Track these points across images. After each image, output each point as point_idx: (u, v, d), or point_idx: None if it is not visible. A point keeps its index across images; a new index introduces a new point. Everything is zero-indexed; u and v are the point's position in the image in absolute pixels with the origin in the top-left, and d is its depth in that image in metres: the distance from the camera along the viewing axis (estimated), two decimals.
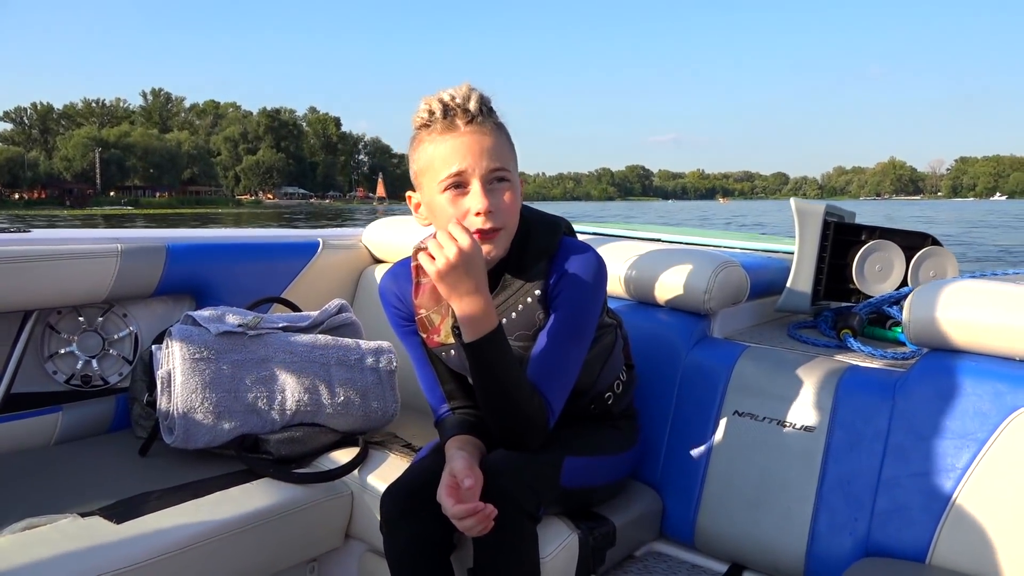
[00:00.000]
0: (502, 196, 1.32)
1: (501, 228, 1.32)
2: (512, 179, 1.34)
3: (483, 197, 1.29)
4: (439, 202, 1.32)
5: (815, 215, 2.04)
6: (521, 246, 1.40)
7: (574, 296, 1.38)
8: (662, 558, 1.71)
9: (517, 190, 1.35)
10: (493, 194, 1.31)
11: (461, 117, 1.30)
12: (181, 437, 1.64)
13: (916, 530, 1.43)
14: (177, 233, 2.13)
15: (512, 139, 1.38)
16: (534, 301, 1.39)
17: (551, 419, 1.38)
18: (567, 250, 1.41)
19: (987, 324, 1.45)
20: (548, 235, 1.42)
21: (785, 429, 1.62)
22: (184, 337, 1.68)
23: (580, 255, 1.40)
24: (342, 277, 2.39)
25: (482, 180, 1.30)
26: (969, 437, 1.42)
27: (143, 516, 1.41)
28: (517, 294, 1.39)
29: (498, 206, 1.31)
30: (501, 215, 1.32)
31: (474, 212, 1.30)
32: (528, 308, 1.39)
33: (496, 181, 1.32)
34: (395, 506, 1.37)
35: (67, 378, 1.94)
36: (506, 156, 1.33)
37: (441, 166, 1.31)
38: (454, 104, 1.31)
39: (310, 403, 1.73)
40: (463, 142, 1.30)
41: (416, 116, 1.34)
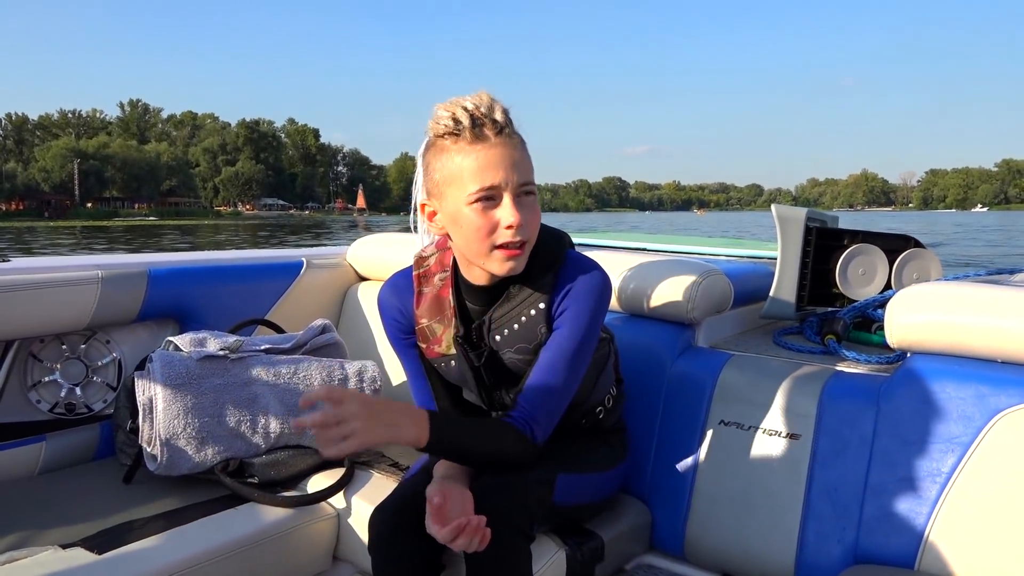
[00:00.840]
0: (531, 210, 1.30)
1: (527, 241, 1.31)
2: (536, 192, 1.33)
3: (515, 211, 1.27)
4: (467, 213, 1.29)
5: (797, 221, 2.04)
6: (529, 258, 1.38)
7: (579, 316, 1.37)
8: (652, 571, 1.70)
9: (538, 204, 1.34)
10: (523, 208, 1.29)
11: (490, 128, 1.27)
12: (164, 464, 1.63)
13: (904, 536, 1.42)
14: (158, 258, 2.12)
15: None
16: (538, 314, 1.38)
17: (537, 439, 1.37)
18: (573, 265, 1.40)
19: (968, 326, 1.44)
20: (553, 248, 1.41)
21: (771, 437, 1.62)
22: (165, 363, 1.67)
23: (587, 272, 1.39)
24: (327, 296, 2.38)
25: (513, 194, 1.28)
26: (953, 441, 1.42)
27: (125, 546, 1.40)
28: (521, 305, 1.38)
29: (528, 220, 1.29)
30: (528, 229, 1.30)
31: (505, 225, 1.27)
32: (531, 321, 1.38)
33: (525, 195, 1.30)
34: (384, 526, 1.36)
35: (51, 407, 1.92)
36: (531, 170, 1.32)
37: (471, 179, 1.27)
38: (480, 114, 1.28)
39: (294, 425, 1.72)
40: (495, 155, 1.27)
41: (437, 124, 1.30)
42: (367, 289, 2.37)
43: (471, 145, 1.27)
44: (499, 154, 1.27)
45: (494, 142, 1.27)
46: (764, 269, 2.21)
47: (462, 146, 1.28)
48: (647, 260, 1.91)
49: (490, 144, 1.27)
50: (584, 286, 1.38)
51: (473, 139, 1.27)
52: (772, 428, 1.62)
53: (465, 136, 1.27)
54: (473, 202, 1.28)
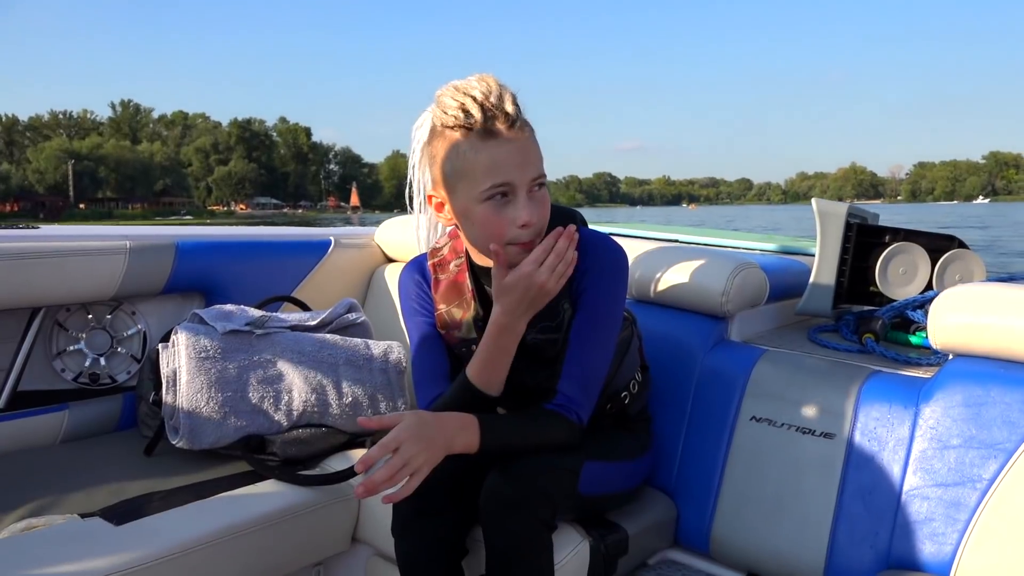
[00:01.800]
0: (540, 203, 1.27)
1: (539, 235, 1.28)
2: (547, 182, 1.29)
3: (528, 209, 1.24)
4: (479, 211, 1.25)
5: (837, 216, 1.99)
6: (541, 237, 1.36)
7: (603, 293, 1.35)
8: (676, 566, 1.66)
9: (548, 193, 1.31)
10: (535, 202, 1.26)
11: (502, 121, 1.22)
12: (186, 437, 1.62)
13: (939, 543, 1.38)
14: (186, 231, 2.11)
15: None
16: (560, 292, 1.34)
17: (584, 422, 1.36)
18: (590, 242, 1.37)
19: (1016, 329, 1.39)
20: (566, 225, 1.38)
21: (804, 436, 1.57)
22: (190, 335, 1.66)
23: (605, 248, 1.37)
24: (354, 276, 2.36)
25: (525, 189, 1.25)
26: (996, 447, 1.36)
27: (144, 517, 1.39)
28: None
29: (539, 214, 1.27)
30: (541, 223, 1.28)
31: (519, 224, 1.24)
32: (552, 300, 1.34)
33: (537, 188, 1.27)
34: (407, 509, 1.34)
35: (75, 376, 1.92)
36: (541, 159, 1.28)
37: (484, 175, 1.23)
38: (491, 105, 1.22)
39: (317, 404, 1.70)
40: (509, 151, 1.22)
41: (445, 114, 1.25)
42: (394, 270, 2.34)
43: (483, 141, 1.23)
44: (512, 149, 1.23)
45: (507, 136, 1.22)
46: (800, 265, 2.15)
47: (473, 141, 1.23)
48: (680, 251, 1.87)
49: (503, 139, 1.22)
50: (604, 262, 1.36)
51: (485, 134, 1.22)
52: (805, 426, 1.57)
53: (476, 130, 1.23)
54: (486, 199, 1.24)
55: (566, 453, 1.34)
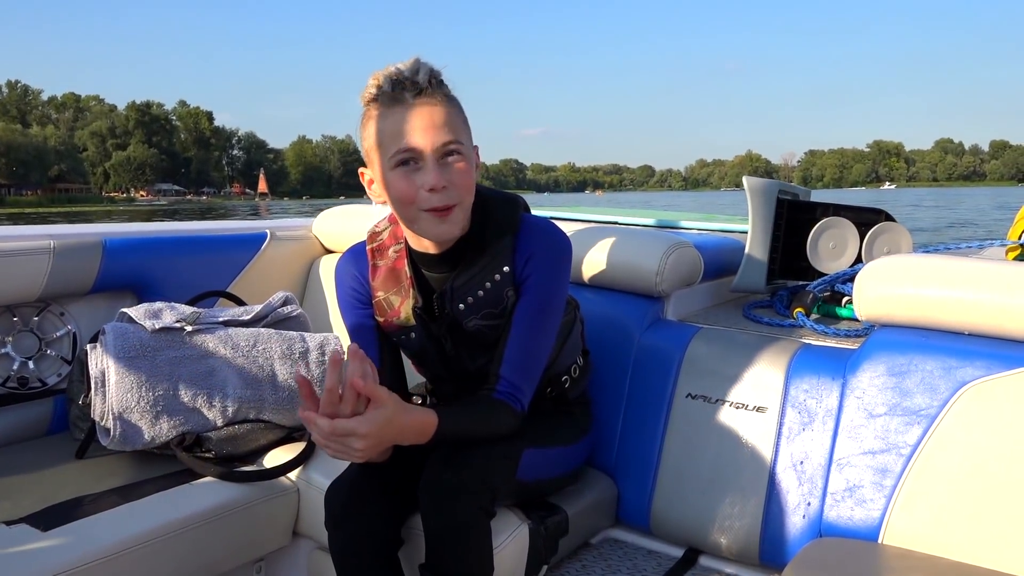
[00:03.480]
0: (455, 170, 1.27)
1: (456, 204, 1.28)
2: (465, 152, 1.28)
3: (436, 173, 1.24)
4: (390, 179, 1.27)
5: (768, 194, 2.02)
6: (482, 223, 1.36)
7: (547, 279, 1.36)
8: (618, 544, 1.68)
9: (471, 164, 1.30)
10: (445, 169, 1.26)
11: (410, 90, 1.25)
12: (118, 438, 1.59)
13: (868, 509, 1.41)
14: (114, 228, 2.06)
15: (464, 112, 1.32)
16: (503, 279, 1.35)
17: (525, 409, 1.37)
18: (532, 228, 1.38)
19: (935, 298, 1.43)
20: (508, 211, 1.39)
21: (738, 411, 1.60)
22: (118, 335, 1.62)
23: (547, 234, 1.38)
24: (292, 269, 2.33)
25: (434, 155, 1.25)
26: (919, 413, 1.40)
27: (73, 522, 1.36)
28: (484, 272, 1.35)
29: (452, 181, 1.26)
30: (456, 191, 1.27)
31: (427, 188, 1.25)
32: (496, 286, 1.36)
33: (448, 155, 1.26)
34: (340, 501, 1.33)
35: (2, 380, 1.87)
36: (458, 128, 1.28)
37: (390, 141, 1.25)
38: (402, 77, 1.25)
39: (253, 399, 1.68)
40: (412, 115, 1.24)
41: (364, 92, 1.29)
42: (333, 262, 2.31)
43: (389, 108, 1.26)
44: (416, 115, 1.24)
45: (411, 103, 1.25)
46: (735, 243, 2.19)
47: (383, 111, 1.26)
48: (615, 233, 1.88)
49: (407, 106, 1.25)
50: (547, 248, 1.36)
51: (391, 102, 1.26)
52: (739, 401, 1.60)
53: (384, 100, 1.26)
54: (395, 166, 1.26)
55: (505, 441, 1.35)
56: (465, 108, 1.33)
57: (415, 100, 1.25)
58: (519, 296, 1.37)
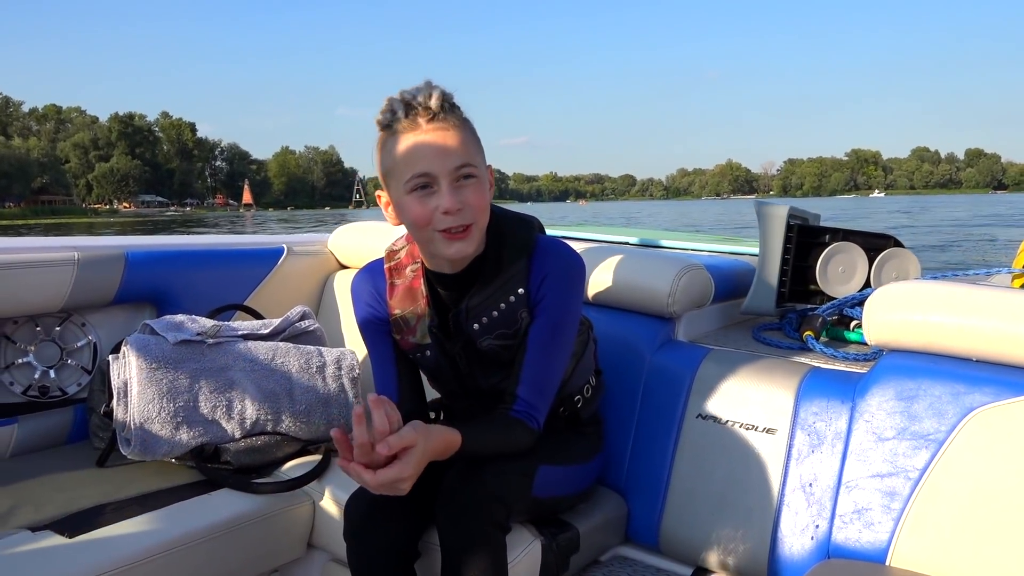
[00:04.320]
0: (470, 193, 1.30)
1: (472, 224, 1.30)
2: (479, 175, 1.31)
3: (450, 196, 1.27)
4: (406, 203, 1.30)
5: (778, 218, 2.05)
6: (497, 244, 1.39)
7: (561, 301, 1.38)
8: (627, 562, 1.70)
9: (486, 185, 1.33)
10: (460, 191, 1.28)
11: (423, 115, 1.28)
12: (138, 448, 1.62)
13: (876, 531, 1.43)
14: (136, 240, 2.10)
15: (477, 134, 1.36)
16: (517, 300, 1.38)
17: (537, 427, 1.40)
18: (547, 249, 1.40)
19: (944, 325, 1.45)
20: (523, 232, 1.41)
21: (747, 432, 1.62)
22: (141, 346, 1.66)
23: (561, 256, 1.40)
24: (307, 283, 2.37)
25: (449, 179, 1.28)
26: (927, 437, 1.42)
27: (97, 529, 1.38)
28: (498, 292, 1.38)
29: (466, 203, 1.29)
30: (470, 212, 1.29)
31: (442, 211, 1.27)
32: (510, 307, 1.38)
33: (463, 178, 1.29)
34: (359, 513, 1.35)
35: (24, 389, 1.90)
36: (472, 152, 1.31)
37: (405, 167, 1.28)
38: (415, 103, 1.28)
39: (271, 411, 1.71)
40: (426, 141, 1.27)
41: (378, 117, 1.31)
42: (348, 277, 2.36)
43: (403, 134, 1.28)
44: (430, 140, 1.27)
45: (425, 129, 1.27)
46: (745, 265, 2.22)
47: (397, 136, 1.29)
48: (627, 253, 1.91)
49: (421, 131, 1.28)
50: (561, 270, 1.38)
51: (406, 128, 1.28)
52: (749, 423, 1.62)
53: (399, 125, 1.29)
54: (410, 191, 1.29)
55: (521, 458, 1.38)
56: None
57: (428, 125, 1.28)
58: (534, 317, 1.39)
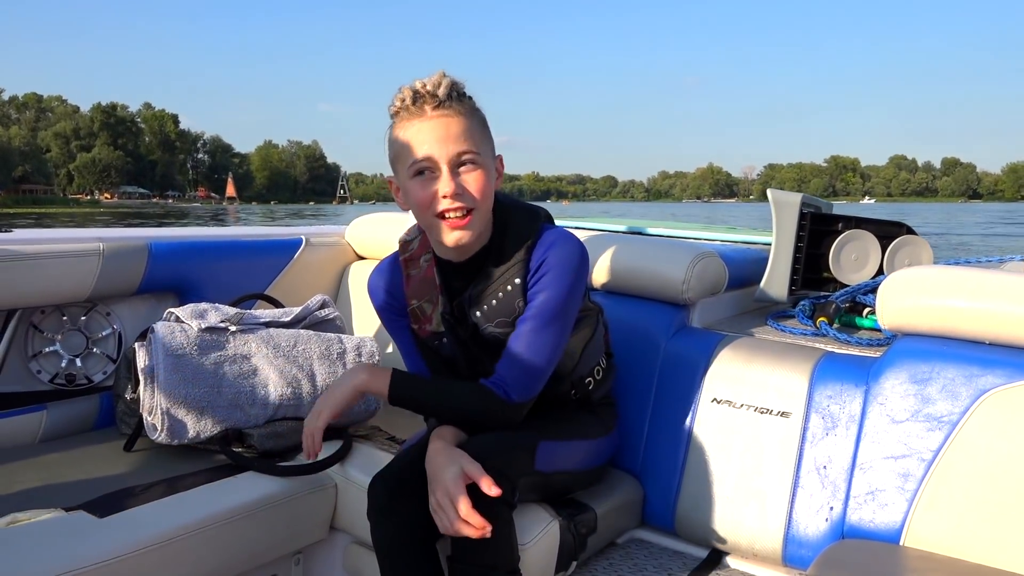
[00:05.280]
0: (470, 179, 1.33)
1: (472, 209, 1.34)
2: (482, 162, 1.35)
3: (450, 180, 1.31)
4: (410, 187, 1.35)
5: (792, 206, 2.07)
6: (500, 233, 1.42)
7: (553, 282, 1.40)
8: (643, 545, 1.73)
9: (490, 173, 1.36)
10: (460, 177, 1.33)
11: (429, 103, 1.32)
12: (165, 433, 1.65)
13: (890, 512, 1.46)
14: (159, 232, 2.14)
15: (487, 125, 1.40)
16: (515, 289, 1.41)
17: (514, 399, 1.41)
18: (548, 238, 1.42)
19: (956, 308, 1.47)
20: (527, 222, 1.44)
21: (762, 416, 1.64)
22: (166, 334, 1.69)
23: (561, 243, 1.41)
24: (325, 274, 2.40)
25: (449, 164, 1.32)
26: (941, 420, 1.45)
27: (127, 510, 1.42)
28: (498, 281, 1.41)
29: (465, 188, 1.33)
30: (470, 197, 1.33)
31: (442, 195, 1.32)
32: (508, 296, 1.41)
33: (463, 164, 1.33)
34: (383, 493, 1.38)
35: (51, 377, 1.94)
36: (476, 139, 1.34)
37: (408, 153, 1.33)
38: (424, 91, 1.33)
39: (293, 397, 1.74)
40: (429, 127, 1.32)
41: (391, 104, 1.37)
42: (365, 267, 2.39)
43: (409, 121, 1.33)
44: (433, 126, 1.32)
45: (430, 116, 1.32)
46: (759, 254, 2.23)
47: (403, 123, 1.34)
48: (642, 242, 1.93)
49: (426, 118, 1.32)
50: (558, 258, 1.40)
51: (412, 115, 1.33)
52: (763, 406, 1.65)
53: (406, 113, 1.34)
54: (413, 176, 1.34)
55: (520, 432, 1.42)
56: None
57: (433, 112, 1.32)
58: (526, 303, 1.42)
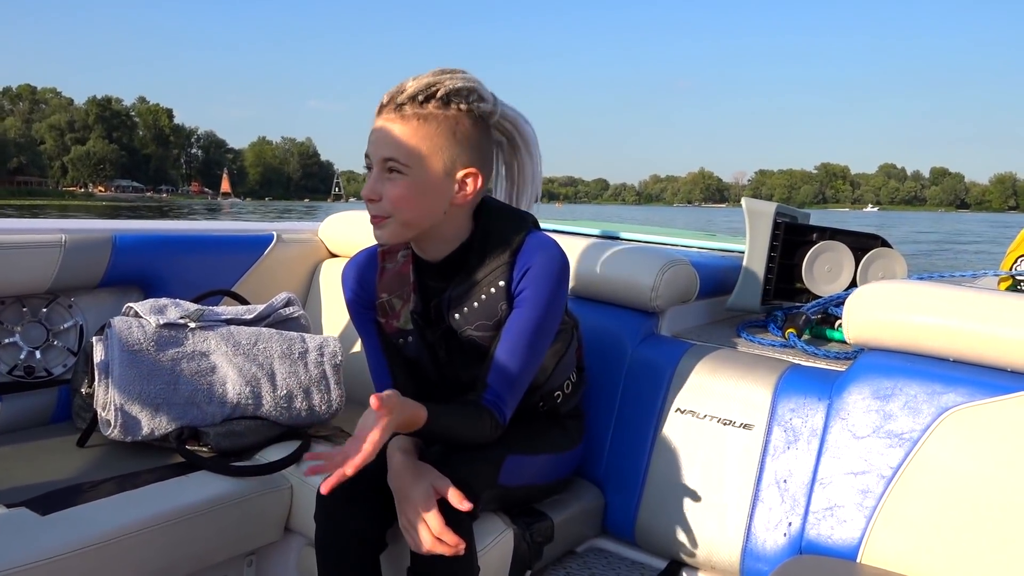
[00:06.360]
0: (390, 186, 1.32)
1: (387, 217, 1.34)
2: (411, 173, 1.30)
3: (370, 183, 1.33)
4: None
5: (766, 215, 2.05)
6: (483, 236, 1.40)
7: (539, 295, 1.38)
8: (603, 554, 1.71)
9: (420, 186, 1.31)
10: (381, 183, 1.32)
11: (388, 103, 1.32)
12: (118, 429, 1.63)
13: (848, 528, 1.44)
14: (124, 224, 2.11)
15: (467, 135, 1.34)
16: (498, 292, 1.39)
17: (506, 420, 1.40)
18: (533, 245, 1.40)
19: (923, 324, 1.46)
20: (513, 228, 1.42)
21: (724, 427, 1.63)
22: (123, 329, 1.66)
23: (546, 252, 1.39)
24: (297, 271, 2.37)
25: (378, 167, 1.32)
26: (902, 436, 1.43)
27: (71, 507, 1.39)
28: (480, 284, 1.39)
29: (381, 194, 1.32)
30: (387, 204, 1.32)
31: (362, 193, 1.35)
32: (491, 299, 1.39)
33: (389, 171, 1.32)
34: (330, 498, 1.36)
35: (9, 369, 1.91)
36: (412, 148, 1.30)
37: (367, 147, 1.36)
38: (395, 90, 1.32)
39: (251, 396, 1.72)
40: (376, 127, 1.34)
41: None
42: (337, 266, 2.36)
43: (376, 116, 1.35)
44: (377, 128, 1.33)
45: (382, 116, 1.33)
46: (733, 262, 2.22)
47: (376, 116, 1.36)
48: (613, 247, 1.91)
49: (380, 117, 1.34)
50: (543, 265, 1.38)
51: (378, 110, 1.35)
52: (726, 418, 1.63)
53: (379, 107, 1.35)
54: (366, 169, 1.36)
55: (488, 446, 1.39)
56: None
57: (385, 114, 1.33)
58: (512, 308, 1.40)
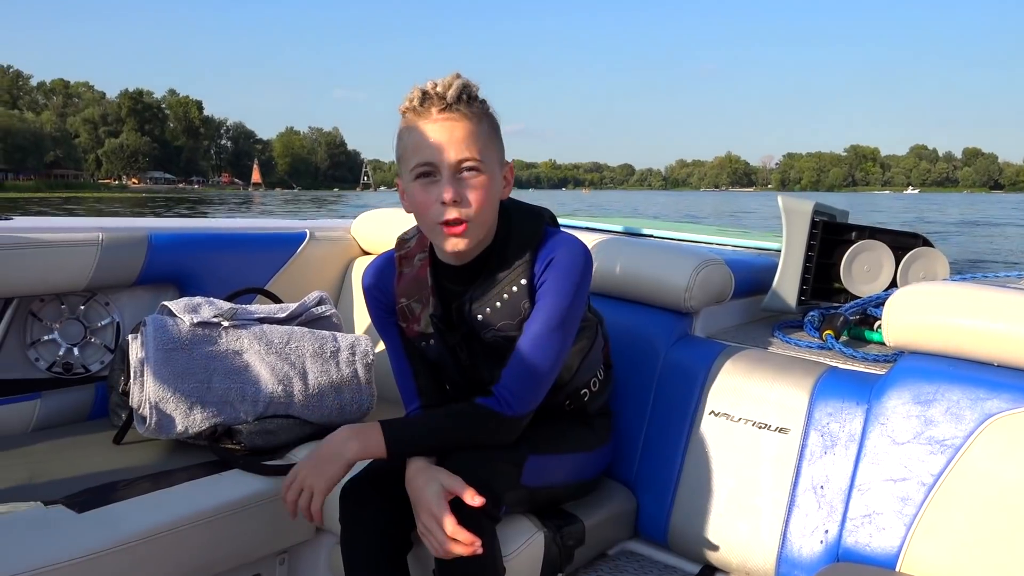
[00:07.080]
0: (470, 185, 1.29)
1: (467, 221, 1.30)
2: (485, 170, 1.30)
3: (450, 187, 1.28)
4: (411, 190, 1.32)
5: (803, 213, 2.01)
6: (504, 236, 1.39)
7: (559, 287, 1.36)
8: (635, 558, 1.69)
9: (493, 182, 1.32)
10: (460, 184, 1.29)
11: (436, 105, 1.28)
12: (153, 427, 1.64)
13: (887, 536, 1.40)
14: (160, 223, 2.13)
15: (499, 130, 1.36)
16: (520, 291, 1.37)
17: (515, 411, 1.36)
18: (552, 240, 1.39)
19: (965, 328, 1.42)
20: (531, 225, 1.41)
21: (760, 431, 1.60)
22: (158, 327, 1.68)
23: (566, 246, 1.39)
24: (329, 269, 2.38)
25: (450, 170, 1.28)
26: (944, 443, 1.39)
27: (107, 505, 1.41)
28: (502, 284, 1.38)
29: (464, 196, 1.29)
30: (468, 205, 1.29)
31: (439, 201, 1.28)
32: (513, 298, 1.38)
33: (466, 171, 1.29)
34: (354, 500, 1.37)
35: (48, 365, 1.94)
36: (480, 146, 1.30)
37: (412, 154, 1.30)
38: (433, 92, 1.29)
39: (283, 395, 1.73)
40: (433, 130, 1.28)
41: (403, 100, 1.33)
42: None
43: (415, 122, 1.30)
44: (437, 130, 1.28)
45: (436, 118, 1.29)
46: (768, 261, 2.18)
47: (410, 123, 1.31)
48: (646, 246, 1.89)
49: (431, 120, 1.29)
50: (564, 260, 1.37)
51: (418, 116, 1.30)
52: (762, 421, 1.60)
53: (413, 114, 1.31)
54: (415, 178, 1.31)
55: (509, 447, 1.38)
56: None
57: (439, 115, 1.28)
58: (532, 304, 1.38)
